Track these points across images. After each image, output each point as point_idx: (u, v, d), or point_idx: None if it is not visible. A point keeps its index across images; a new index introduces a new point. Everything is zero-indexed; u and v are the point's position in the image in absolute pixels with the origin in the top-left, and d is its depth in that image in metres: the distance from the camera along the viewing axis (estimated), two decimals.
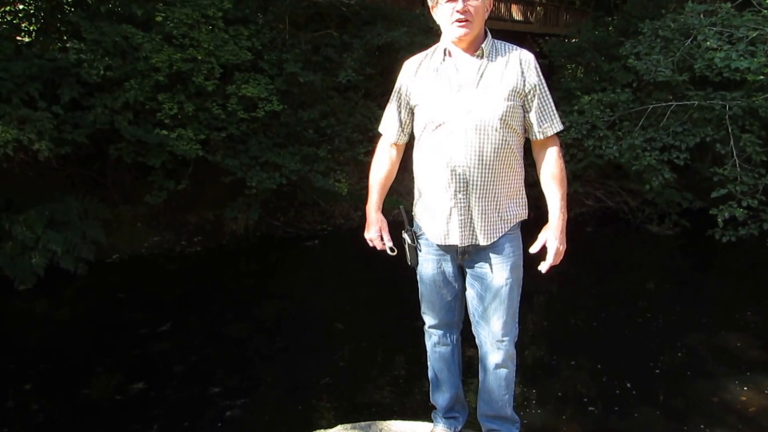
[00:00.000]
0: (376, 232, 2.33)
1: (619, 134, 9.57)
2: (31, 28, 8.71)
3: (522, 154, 2.19)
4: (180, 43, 8.27)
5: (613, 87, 10.62)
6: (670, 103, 9.28)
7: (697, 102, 8.83)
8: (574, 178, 11.34)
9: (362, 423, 2.66)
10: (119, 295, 7.77)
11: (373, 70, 10.22)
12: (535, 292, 8.22)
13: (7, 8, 8.42)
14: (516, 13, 15.99)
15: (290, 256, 9.61)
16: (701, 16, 7.89)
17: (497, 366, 2.26)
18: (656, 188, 9.57)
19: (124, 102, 8.02)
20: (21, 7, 8.55)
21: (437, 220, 2.17)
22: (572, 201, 11.85)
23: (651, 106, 9.33)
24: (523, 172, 2.20)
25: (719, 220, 8.01)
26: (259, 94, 8.64)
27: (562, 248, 2.14)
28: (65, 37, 8.36)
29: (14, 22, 8.53)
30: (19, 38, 8.55)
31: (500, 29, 14.82)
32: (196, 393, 5.49)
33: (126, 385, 5.58)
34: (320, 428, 3.11)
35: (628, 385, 5.71)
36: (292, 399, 5.42)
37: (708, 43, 7.46)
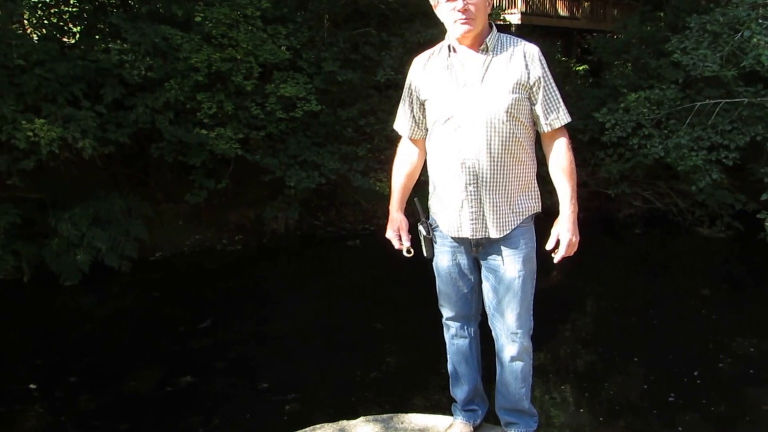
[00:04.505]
0: (394, 232, 2.37)
1: (666, 133, 9.22)
2: (76, 29, 8.94)
3: (533, 147, 2.19)
4: (219, 43, 8.38)
5: (661, 84, 10.25)
6: (718, 100, 8.89)
7: (747, 99, 8.45)
8: (621, 178, 11.06)
9: (384, 415, 2.68)
10: (161, 293, 7.92)
11: None
12: (580, 293, 8.07)
13: (53, 10, 8.67)
14: (561, 9, 15.64)
15: (331, 255, 9.63)
16: (751, 9, 7.51)
17: (513, 359, 2.27)
18: (706, 189, 9.20)
19: (164, 102, 8.17)
20: (66, 9, 8.78)
21: (449, 213, 2.20)
22: (619, 202, 11.55)
23: (698, 104, 8.97)
24: (535, 166, 2.22)
25: (766, 224, 7.65)
26: (298, 94, 8.67)
27: (575, 239, 2.15)
28: (108, 39, 8.55)
29: (60, 24, 8.78)
30: (64, 39, 8.80)
31: (544, 25, 14.55)
32: (245, 387, 5.60)
33: (173, 378, 5.71)
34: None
35: (674, 390, 5.55)
36: (334, 394, 5.53)
37: (755, 39, 7.10)
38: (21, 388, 5.56)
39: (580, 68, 13.81)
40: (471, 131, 2.08)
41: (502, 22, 12.20)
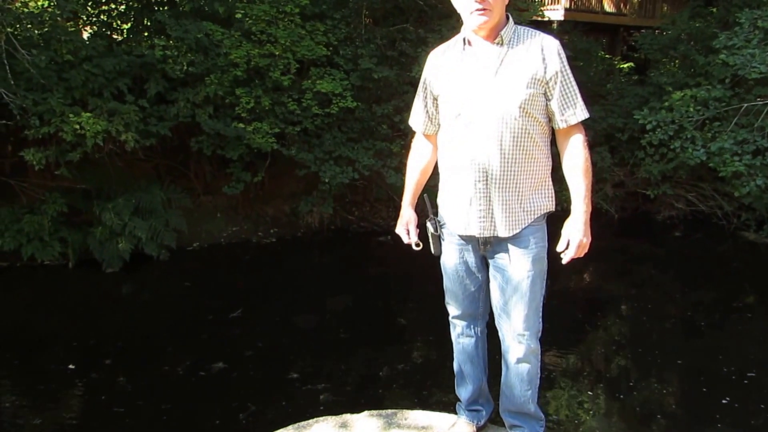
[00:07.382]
0: (402, 227, 2.37)
1: (709, 135, 8.90)
2: (123, 26, 9.24)
3: (547, 144, 2.13)
4: (258, 39, 8.52)
5: (709, 82, 9.91)
6: (766, 101, 8.54)
7: None
8: (663, 179, 10.76)
9: (387, 411, 2.70)
10: (196, 282, 8.15)
11: None
12: (616, 296, 7.95)
13: (103, 8, 8.98)
14: (608, 5, 15.29)
15: (363, 250, 9.69)
16: None
17: (519, 361, 2.22)
18: (753, 193, 8.86)
19: (204, 96, 8.35)
20: (114, 6, 9.09)
21: (457, 210, 2.17)
22: (659, 203, 11.24)
23: (744, 105, 8.62)
24: (549, 163, 2.16)
25: None
26: (334, 90, 8.74)
27: (586, 241, 2.09)
28: (153, 35, 8.80)
29: (109, 21, 9.09)
30: (113, 36, 9.10)
31: (589, 21, 14.24)
32: (276, 376, 5.75)
33: (206, 364, 5.88)
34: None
35: (729, 393, 5.46)
36: (362, 386, 5.64)
37: None
38: (59, 369, 5.83)
39: (625, 66, 13.48)
40: (482, 127, 2.02)
41: (541, 18, 11.97)
